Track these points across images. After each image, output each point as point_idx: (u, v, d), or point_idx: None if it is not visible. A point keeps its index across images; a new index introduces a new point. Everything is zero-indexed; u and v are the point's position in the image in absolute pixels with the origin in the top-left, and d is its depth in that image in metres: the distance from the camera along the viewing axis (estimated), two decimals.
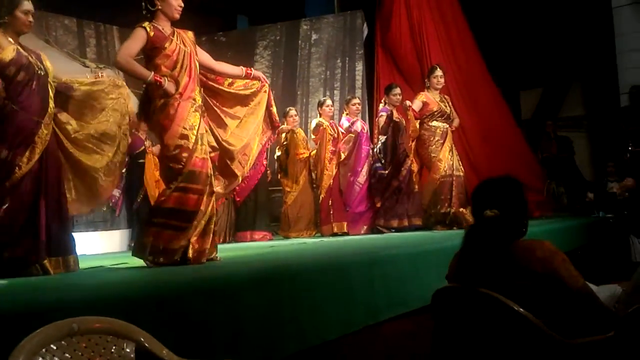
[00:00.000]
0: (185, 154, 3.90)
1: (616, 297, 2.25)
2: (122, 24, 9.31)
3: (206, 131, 4.14)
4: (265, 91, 4.72)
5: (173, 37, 4.03)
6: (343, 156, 7.19)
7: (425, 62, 8.36)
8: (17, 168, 3.60)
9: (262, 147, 4.83)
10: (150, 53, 3.99)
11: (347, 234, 7.04)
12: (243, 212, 7.35)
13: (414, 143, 6.99)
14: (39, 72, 3.78)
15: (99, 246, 7.16)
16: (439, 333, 2.22)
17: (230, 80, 4.57)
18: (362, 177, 7.21)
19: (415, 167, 7.01)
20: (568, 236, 6.77)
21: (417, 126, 6.88)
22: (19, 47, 3.76)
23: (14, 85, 3.66)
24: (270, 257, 4.24)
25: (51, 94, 3.85)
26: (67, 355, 1.93)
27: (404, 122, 7.11)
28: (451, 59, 8.53)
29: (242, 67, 4.68)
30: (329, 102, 7.62)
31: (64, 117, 4.07)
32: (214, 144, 4.38)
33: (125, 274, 3.76)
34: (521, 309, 1.92)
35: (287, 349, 2.77)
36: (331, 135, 7.27)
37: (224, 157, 4.53)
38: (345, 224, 7.17)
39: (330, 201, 7.19)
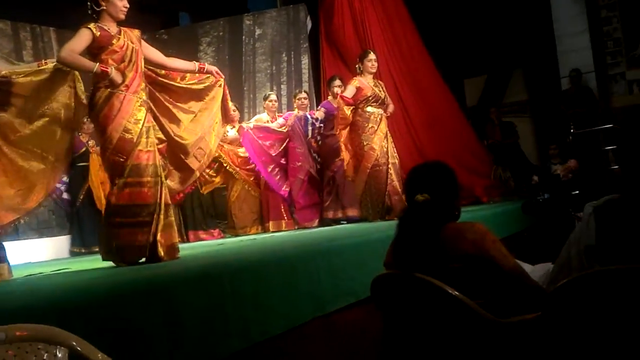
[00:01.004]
0: (128, 147, 3.91)
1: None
2: (59, 26, 9.09)
3: (153, 125, 4.17)
4: (220, 85, 4.74)
5: (120, 35, 4.08)
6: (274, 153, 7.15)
7: None
8: None
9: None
10: (97, 51, 3.99)
11: (287, 230, 7.03)
12: (189, 212, 7.27)
13: (346, 131, 6.66)
14: None
15: (46, 253, 7.00)
16: (384, 320, 2.22)
17: (182, 75, 4.58)
18: (304, 170, 7.18)
19: (346, 157, 6.65)
20: (515, 219, 6.92)
21: (348, 113, 6.50)
22: None
23: None
24: (213, 255, 4.19)
25: None
26: None
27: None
28: (394, 48, 8.59)
29: (195, 62, 4.72)
30: (272, 97, 7.59)
31: (5, 117, 3.91)
32: (161, 136, 4.43)
33: (62, 280, 3.66)
34: (455, 292, 1.93)
35: (231, 347, 2.74)
36: None
37: (178, 152, 4.57)
38: (283, 222, 7.14)
39: (268, 198, 7.18)
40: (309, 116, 7.31)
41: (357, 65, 6.81)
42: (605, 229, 1.63)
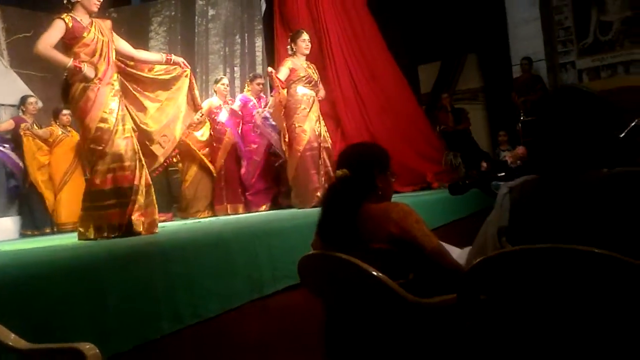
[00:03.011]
0: (106, 136, 4.16)
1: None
2: (4, 2, 8.81)
3: (127, 113, 4.41)
4: (186, 76, 5.00)
5: (91, 27, 4.29)
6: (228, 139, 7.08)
7: (323, 35, 8.34)
8: None
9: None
10: (69, 42, 4.22)
11: (243, 213, 6.98)
12: None
13: (281, 115, 6.47)
14: None
15: None
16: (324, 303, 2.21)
17: (150, 65, 4.82)
18: (259, 153, 7.14)
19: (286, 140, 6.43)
20: (464, 204, 6.99)
21: (285, 95, 6.29)
22: None
23: None
24: (148, 237, 4.12)
25: None
26: None
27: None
28: (349, 31, 8.56)
29: (162, 53, 5.02)
30: (224, 80, 7.51)
31: None
32: (133, 125, 4.64)
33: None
34: (375, 271, 1.92)
35: (160, 329, 2.69)
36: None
37: (143, 139, 4.77)
38: (240, 205, 7.10)
39: (223, 181, 7.12)
40: (256, 103, 7.25)
41: (289, 46, 6.63)
42: (519, 209, 1.63)
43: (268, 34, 9.21)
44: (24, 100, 7.38)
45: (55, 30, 4.16)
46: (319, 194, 6.08)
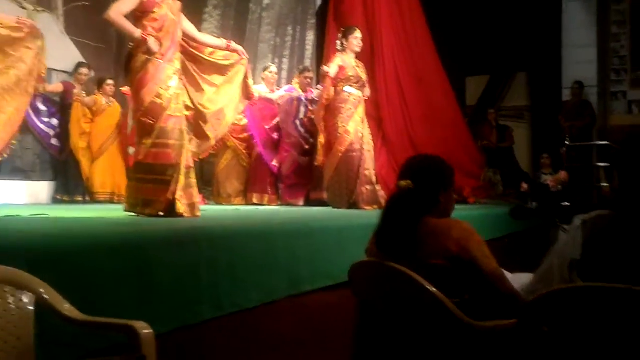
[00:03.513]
0: (157, 111, 4.21)
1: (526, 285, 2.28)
2: None
3: (182, 93, 4.48)
4: (243, 64, 5.05)
5: (163, 4, 4.38)
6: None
7: (376, 35, 8.31)
8: None
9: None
10: (140, 15, 4.33)
11: (269, 205, 7.00)
12: None
13: (323, 112, 6.36)
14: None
15: (25, 196, 6.91)
16: (360, 308, 2.20)
17: (211, 49, 4.88)
18: (297, 147, 7.14)
19: (322, 139, 6.41)
20: (498, 224, 6.91)
21: (332, 93, 6.20)
22: None
23: None
24: (195, 220, 4.15)
25: None
26: None
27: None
28: (401, 34, 8.52)
29: (223, 39, 5.10)
30: (273, 68, 7.53)
31: None
32: (189, 104, 4.73)
33: (38, 225, 3.61)
34: (431, 287, 1.91)
35: (202, 314, 2.71)
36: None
37: (198, 120, 4.87)
38: (267, 196, 7.11)
39: (256, 170, 7.15)
40: (302, 98, 7.24)
41: (339, 42, 6.46)
42: (592, 244, 1.61)
43: (320, 28, 9.22)
44: (77, 67, 7.46)
45: (129, 2, 4.26)
46: (355, 196, 6.08)
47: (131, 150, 7.52)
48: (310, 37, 9.33)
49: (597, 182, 8.83)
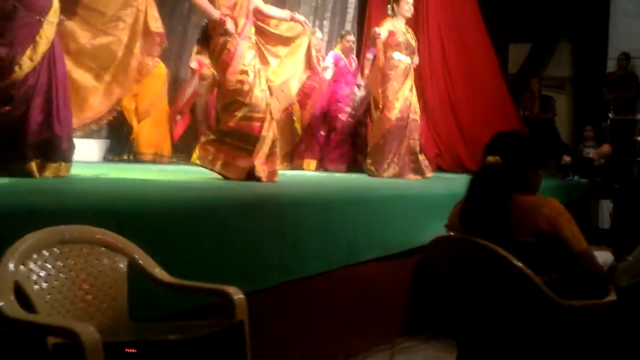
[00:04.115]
0: (246, 88, 4.34)
1: (608, 264, 2.28)
2: None
3: (262, 66, 4.60)
4: (306, 35, 5.12)
5: None
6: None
7: (421, 4, 8.17)
8: (17, 67, 3.42)
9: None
10: None
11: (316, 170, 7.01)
12: None
13: (379, 76, 6.11)
14: None
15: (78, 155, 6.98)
16: (436, 280, 2.22)
17: (275, 22, 4.95)
18: (345, 113, 7.13)
19: (374, 104, 6.27)
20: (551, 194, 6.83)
21: (384, 59, 6.01)
22: None
23: None
24: (255, 185, 4.20)
25: None
26: (58, 262, 1.89)
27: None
28: (447, 3, 8.39)
29: (287, 10, 5.19)
30: (350, 37, 7.44)
31: (69, 25, 3.88)
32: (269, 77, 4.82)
33: (113, 187, 3.67)
34: (520, 264, 1.92)
35: (271, 280, 2.76)
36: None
37: None
38: (314, 162, 7.11)
39: (305, 136, 7.15)
40: (347, 65, 7.19)
41: (389, 6, 6.23)
42: None
43: None
44: None
45: None
46: (399, 165, 6.03)
47: (178, 117, 7.64)
48: (353, 0, 9.17)
49: (639, 156, 8.70)
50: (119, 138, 7.44)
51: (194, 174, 4.90)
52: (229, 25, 4.35)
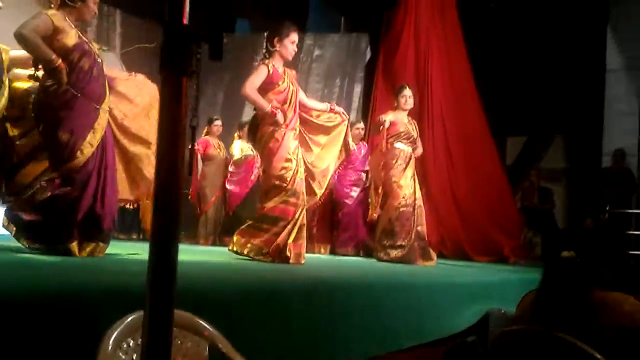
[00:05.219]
0: (288, 175, 4.69)
1: None
2: (125, 10, 9.18)
3: (301, 157, 4.93)
4: (345, 124, 5.50)
5: (284, 75, 4.83)
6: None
7: (426, 92, 8.47)
8: (79, 152, 3.53)
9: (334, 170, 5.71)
10: (265, 87, 4.73)
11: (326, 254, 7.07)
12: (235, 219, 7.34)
13: (381, 161, 6.48)
14: (97, 58, 3.74)
15: None
16: None
17: (317, 113, 5.34)
18: (352, 198, 7.25)
19: (374, 192, 6.62)
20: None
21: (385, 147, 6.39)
22: (79, 33, 3.69)
23: (76, 72, 3.60)
24: (299, 269, 4.24)
25: (106, 81, 3.81)
26: None
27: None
28: (450, 93, 8.67)
29: (327, 103, 5.59)
30: (360, 125, 7.76)
31: (111, 102, 4.02)
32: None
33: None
34: None
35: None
36: None
37: (307, 177, 5.23)
38: (324, 245, 7.18)
39: (317, 219, 7.22)
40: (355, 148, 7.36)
41: (395, 98, 6.71)
42: None
43: (368, 82, 9.39)
44: None
45: (260, 75, 4.67)
46: (402, 250, 6.14)
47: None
48: (358, 89, 9.49)
49: (630, 249, 8.82)
50: (124, 216, 7.44)
51: (219, 254, 4.99)
52: (279, 117, 4.66)
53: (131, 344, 1.81)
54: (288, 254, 4.53)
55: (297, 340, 2.56)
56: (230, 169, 7.75)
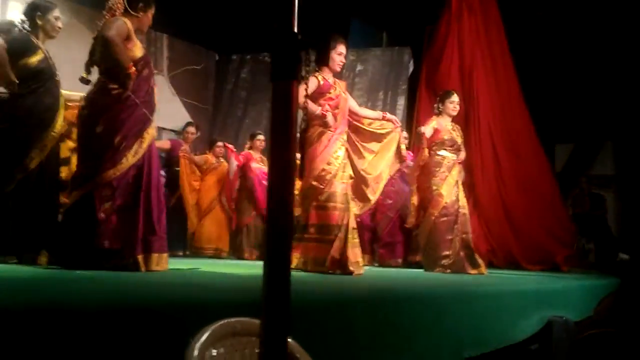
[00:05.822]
0: (328, 177, 4.73)
1: None
2: (173, 34, 9.40)
3: (348, 162, 5.00)
4: (397, 132, 5.63)
5: (335, 85, 4.99)
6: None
7: (471, 102, 8.42)
8: (124, 159, 3.61)
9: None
10: (317, 96, 4.87)
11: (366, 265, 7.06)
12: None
13: (417, 173, 6.40)
14: (154, 71, 3.86)
15: None
16: None
17: (369, 120, 5.46)
18: (394, 209, 7.23)
19: (415, 201, 6.42)
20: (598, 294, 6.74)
21: (427, 155, 6.27)
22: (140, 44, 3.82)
23: (139, 80, 3.71)
24: (360, 280, 4.27)
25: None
26: (229, 355, 1.91)
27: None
28: (496, 103, 8.60)
29: (379, 111, 5.76)
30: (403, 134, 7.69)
31: None
32: (351, 173, 5.19)
33: (238, 281, 3.78)
34: None
35: None
36: None
37: (360, 184, 5.35)
38: (366, 256, 7.13)
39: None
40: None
41: (436, 105, 6.57)
42: None
43: (411, 94, 9.39)
44: (186, 126, 7.78)
45: (310, 85, 4.78)
46: (448, 260, 6.05)
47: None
48: (402, 102, 9.50)
49: None
50: (170, 232, 7.51)
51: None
52: (330, 118, 4.78)
53: (214, 353, 1.86)
54: (348, 265, 4.54)
55: (365, 352, 2.57)
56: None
